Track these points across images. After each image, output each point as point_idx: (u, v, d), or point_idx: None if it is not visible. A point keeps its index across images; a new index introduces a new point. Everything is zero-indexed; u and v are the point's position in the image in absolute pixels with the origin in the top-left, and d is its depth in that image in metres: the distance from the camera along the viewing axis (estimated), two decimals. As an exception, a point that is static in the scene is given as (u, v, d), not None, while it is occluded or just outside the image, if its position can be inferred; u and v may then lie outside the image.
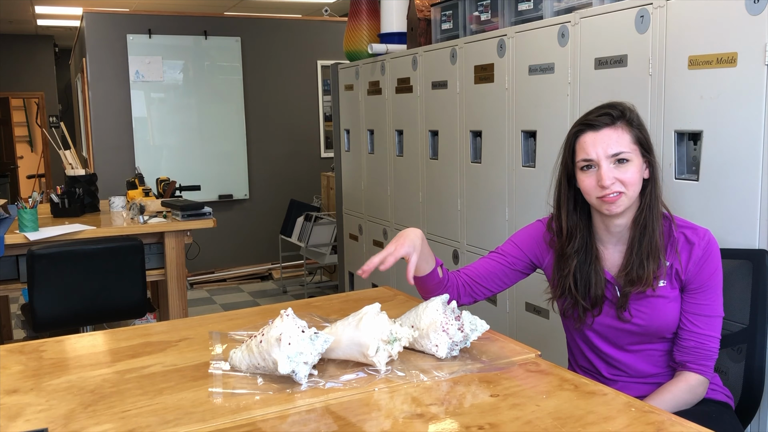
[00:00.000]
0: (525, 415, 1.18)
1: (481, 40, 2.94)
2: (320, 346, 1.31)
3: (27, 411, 1.23)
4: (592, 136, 1.54)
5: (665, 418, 1.16)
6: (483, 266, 1.75)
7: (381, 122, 3.88)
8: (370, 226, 4.10)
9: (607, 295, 1.61)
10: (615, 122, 1.54)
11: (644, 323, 1.58)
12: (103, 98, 5.92)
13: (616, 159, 1.52)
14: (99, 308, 3.03)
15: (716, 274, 1.56)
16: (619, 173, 1.52)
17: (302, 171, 6.64)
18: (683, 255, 1.56)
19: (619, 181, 1.52)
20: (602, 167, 1.52)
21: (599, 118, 1.55)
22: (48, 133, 6.97)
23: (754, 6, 1.80)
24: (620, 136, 1.53)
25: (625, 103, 1.60)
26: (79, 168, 3.80)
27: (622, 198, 1.53)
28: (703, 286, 1.56)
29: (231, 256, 6.41)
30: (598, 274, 1.60)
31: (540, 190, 2.62)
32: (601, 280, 1.60)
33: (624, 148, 1.52)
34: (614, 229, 1.60)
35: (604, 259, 1.63)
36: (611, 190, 1.52)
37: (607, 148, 1.52)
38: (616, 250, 1.63)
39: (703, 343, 1.55)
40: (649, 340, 1.62)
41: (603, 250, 1.64)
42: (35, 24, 9.28)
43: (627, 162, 1.52)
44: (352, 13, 4.20)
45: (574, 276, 1.61)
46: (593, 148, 1.53)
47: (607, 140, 1.53)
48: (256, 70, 6.39)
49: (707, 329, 1.55)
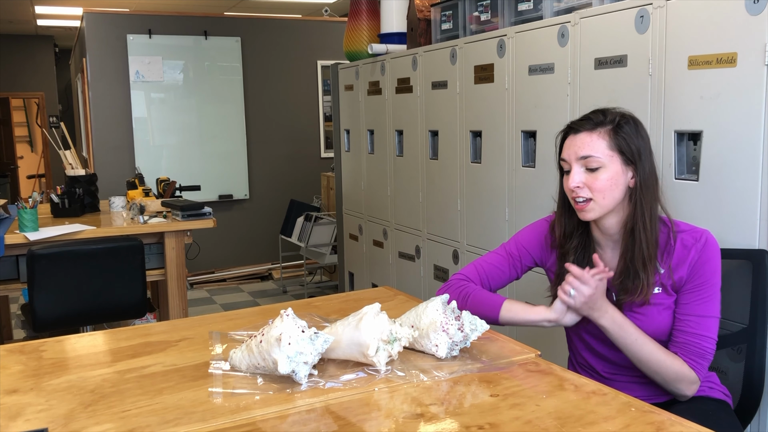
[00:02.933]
0: (525, 415, 1.18)
1: (481, 40, 2.94)
2: (320, 346, 1.31)
3: (27, 411, 1.23)
4: (571, 139, 1.57)
5: (665, 417, 1.16)
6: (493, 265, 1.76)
7: (381, 122, 3.89)
8: (370, 226, 4.10)
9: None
10: (595, 128, 1.54)
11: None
12: (103, 98, 5.92)
13: (586, 164, 1.53)
14: (99, 308, 3.03)
15: (713, 275, 1.54)
16: (588, 179, 1.53)
17: (302, 171, 6.64)
18: (679, 261, 1.55)
19: (587, 187, 1.53)
20: (574, 168, 1.54)
21: (582, 122, 1.57)
22: (48, 133, 6.97)
23: (754, 6, 1.80)
24: (594, 142, 1.53)
25: (618, 110, 1.59)
26: (79, 168, 3.80)
27: (591, 205, 1.53)
28: (697, 286, 1.53)
29: (231, 256, 6.41)
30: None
31: (540, 190, 2.62)
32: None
33: (595, 153, 1.52)
34: (606, 231, 1.61)
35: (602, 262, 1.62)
36: (578, 194, 1.54)
37: (578, 151, 1.54)
38: (615, 255, 1.62)
39: (697, 343, 1.52)
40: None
41: (601, 253, 1.64)
42: (35, 24, 9.28)
43: (598, 169, 1.52)
44: (352, 14, 4.20)
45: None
46: (567, 150, 1.57)
47: (581, 144, 1.54)
48: (256, 71, 6.39)
49: (700, 329, 1.52)
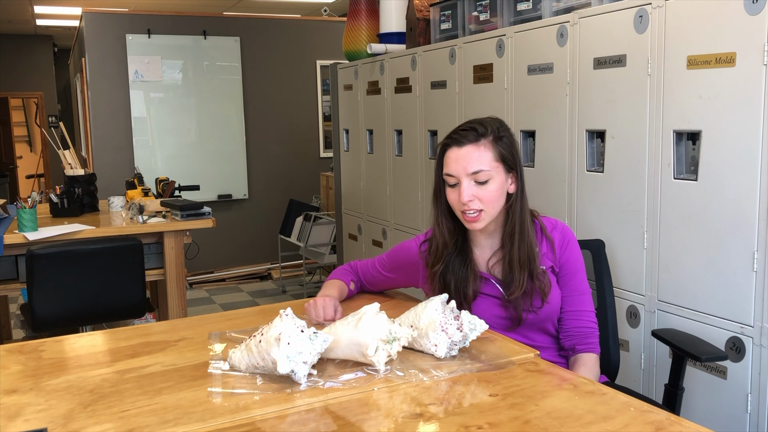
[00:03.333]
0: (524, 415, 1.18)
1: (480, 40, 2.94)
2: (319, 345, 1.31)
3: (26, 411, 1.23)
4: (456, 152, 1.62)
5: (664, 417, 1.16)
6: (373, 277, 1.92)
7: (380, 122, 3.89)
8: (369, 225, 4.10)
9: (486, 291, 1.70)
10: (479, 139, 1.61)
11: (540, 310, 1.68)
12: (102, 98, 5.92)
13: (476, 178, 1.60)
14: (98, 308, 3.02)
15: (578, 257, 1.73)
16: (479, 191, 1.61)
17: (301, 171, 6.64)
18: (549, 247, 1.71)
19: (478, 199, 1.61)
20: (462, 184, 1.61)
21: (464, 134, 1.63)
22: (47, 132, 6.97)
23: (753, 6, 1.80)
24: (482, 154, 1.60)
25: (492, 119, 1.67)
26: (78, 168, 3.80)
27: (482, 215, 1.63)
28: (571, 269, 1.71)
29: (230, 255, 6.40)
30: (473, 272, 1.69)
31: (538, 190, 2.62)
32: (476, 278, 1.69)
33: (484, 167, 1.60)
34: (489, 236, 1.72)
35: (479, 260, 1.73)
36: (470, 207, 1.61)
37: (467, 166, 1.60)
38: (496, 255, 1.71)
39: (582, 319, 1.70)
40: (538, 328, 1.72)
41: (479, 254, 1.73)
42: (34, 24, 9.27)
43: (487, 181, 1.61)
44: (351, 13, 4.20)
45: (449, 276, 1.70)
46: (455, 164, 1.62)
47: (469, 158, 1.60)
48: (256, 70, 6.39)
49: (581, 305, 1.71)
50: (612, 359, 1.99)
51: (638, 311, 2.24)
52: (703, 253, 2.02)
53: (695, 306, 2.05)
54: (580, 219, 2.47)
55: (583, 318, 1.71)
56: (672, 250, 2.11)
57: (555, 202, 2.56)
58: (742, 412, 1.93)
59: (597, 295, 2.08)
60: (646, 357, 2.23)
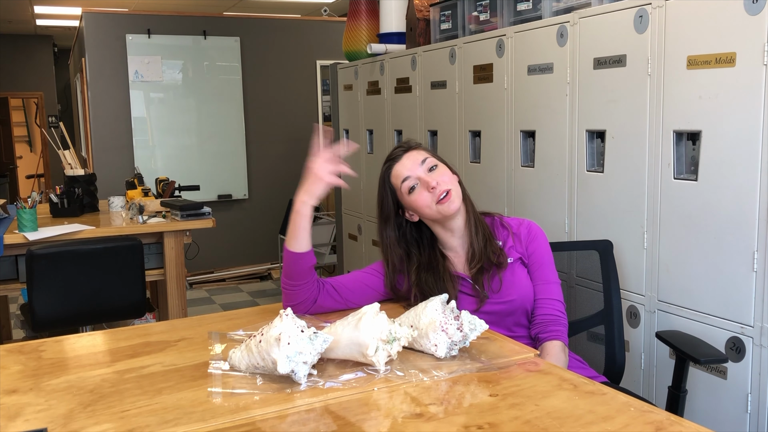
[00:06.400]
0: (524, 415, 1.18)
1: (480, 40, 2.94)
2: (319, 345, 1.31)
3: (26, 411, 1.23)
4: (399, 163, 1.77)
5: (664, 417, 1.16)
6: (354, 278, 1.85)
7: (380, 122, 3.89)
8: (369, 225, 4.10)
9: (464, 290, 1.76)
10: (410, 149, 1.79)
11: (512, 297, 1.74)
12: (102, 98, 5.92)
13: (427, 166, 1.74)
14: (98, 308, 3.02)
15: (547, 250, 1.81)
16: (436, 177, 1.72)
17: (301, 171, 6.57)
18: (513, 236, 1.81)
19: (438, 182, 1.71)
20: (421, 176, 1.73)
21: (396, 151, 1.80)
22: (47, 133, 6.96)
23: (753, 6, 1.80)
24: (419, 153, 1.77)
25: (415, 140, 1.88)
26: (78, 168, 3.80)
27: (452, 194, 1.72)
28: (538, 260, 1.79)
29: (230, 255, 6.40)
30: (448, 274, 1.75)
31: (539, 190, 2.62)
32: (453, 278, 1.75)
33: (428, 156, 1.77)
34: (456, 232, 1.78)
35: (456, 263, 1.79)
36: (440, 190, 1.71)
37: (415, 161, 1.75)
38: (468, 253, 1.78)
39: (546, 307, 1.76)
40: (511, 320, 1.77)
41: (453, 257, 1.80)
42: (34, 24, 9.28)
43: (437, 167, 1.75)
44: (351, 13, 4.20)
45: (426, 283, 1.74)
46: (404, 168, 1.75)
47: (412, 157, 1.76)
48: (255, 70, 6.39)
49: (550, 294, 1.77)
50: (617, 362, 1.98)
51: (638, 311, 2.24)
52: (703, 253, 2.02)
53: (695, 306, 2.06)
54: (580, 219, 2.47)
55: (548, 306, 1.76)
56: (672, 250, 2.11)
57: (555, 202, 2.56)
58: (742, 412, 1.93)
59: (603, 297, 2.08)
60: (647, 357, 2.23)
